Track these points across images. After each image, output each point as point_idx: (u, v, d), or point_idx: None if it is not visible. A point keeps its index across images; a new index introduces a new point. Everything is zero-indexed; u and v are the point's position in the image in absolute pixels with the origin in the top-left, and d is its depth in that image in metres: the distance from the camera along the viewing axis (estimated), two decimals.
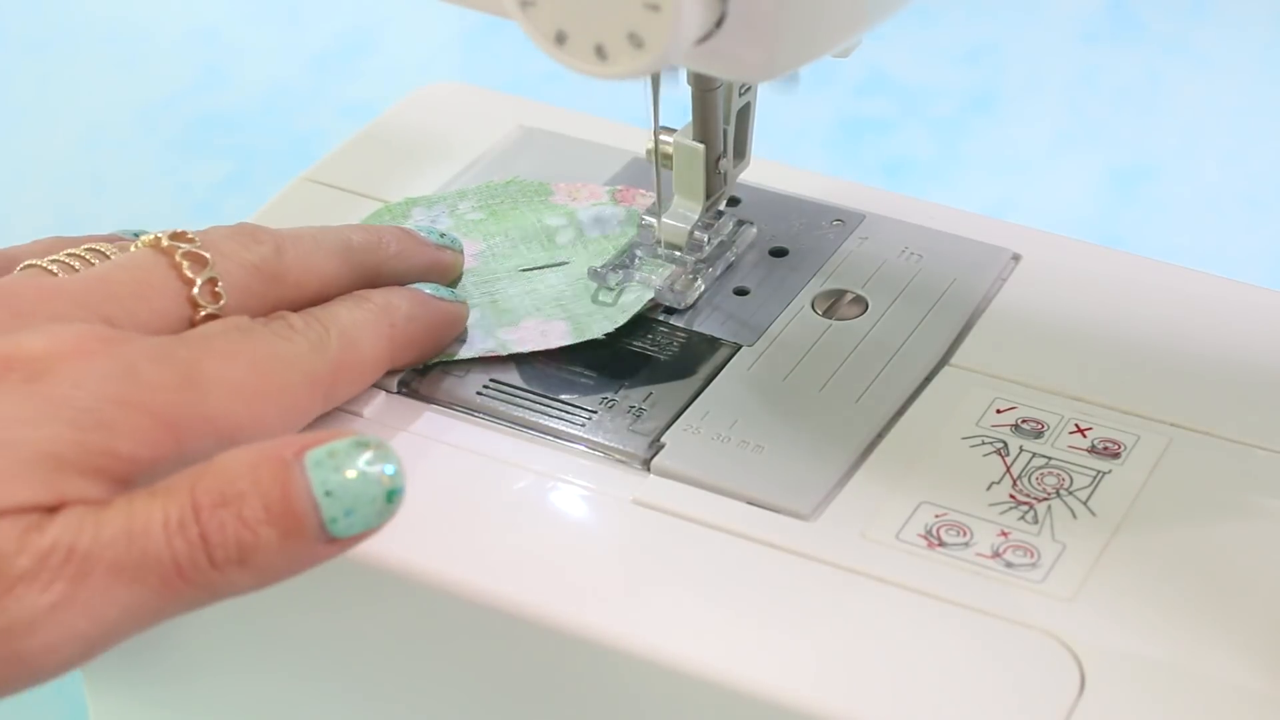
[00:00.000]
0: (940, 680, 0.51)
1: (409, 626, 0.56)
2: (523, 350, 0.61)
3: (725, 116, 0.62)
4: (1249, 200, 0.95)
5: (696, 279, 0.63)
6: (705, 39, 0.50)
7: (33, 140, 1.01)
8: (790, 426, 0.58)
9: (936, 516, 0.55)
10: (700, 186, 0.63)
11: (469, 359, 0.60)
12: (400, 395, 0.60)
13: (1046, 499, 0.55)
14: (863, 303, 0.63)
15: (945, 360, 0.61)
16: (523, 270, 0.64)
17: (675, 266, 0.63)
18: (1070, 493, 0.56)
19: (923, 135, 0.99)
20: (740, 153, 0.63)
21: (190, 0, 1.10)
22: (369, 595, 0.56)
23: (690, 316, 0.63)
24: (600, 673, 0.53)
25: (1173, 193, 0.95)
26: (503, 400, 0.60)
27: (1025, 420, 0.58)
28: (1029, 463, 0.57)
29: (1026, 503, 0.55)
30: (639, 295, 0.62)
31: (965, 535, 0.54)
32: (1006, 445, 0.57)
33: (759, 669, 0.51)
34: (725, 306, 0.63)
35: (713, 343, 0.62)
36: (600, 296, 0.63)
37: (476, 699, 0.57)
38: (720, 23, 0.50)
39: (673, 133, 0.62)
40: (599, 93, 0.68)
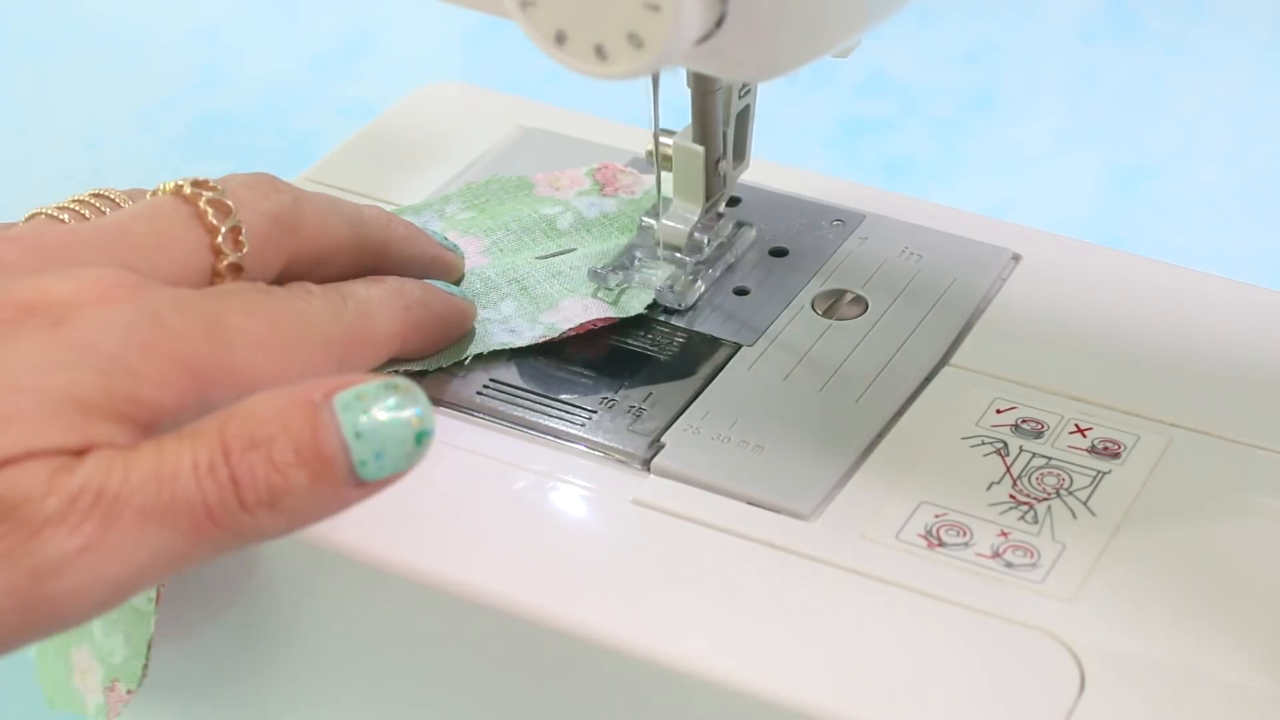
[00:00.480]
0: (940, 680, 0.51)
1: (407, 626, 0.56)
2: (571, 327, 0.61)
3: (725, 118, 0.62)
4: (1249, 200, 0.95)
5: (696, 280, 0.63)
6: (705, 39, 0.50)
7: (33, 140, 1.01)
8: (790, 426, 0.58)
9: (936, 516, 0.55)
10: (700, 188, 0.63)
11: (475, 355, 0.60)
12: None
13: (1046, 499, 0.55)
14: (863, 303, 0.63)
15: (945, 360, 0.61)
16: (540, 258, 0.64)
17: (675, 268, 0.63)
18: (1070, 493, 0.56)
19: (923, 135, 0.99)
20: (740, 155, 0.63)
21: (190, 0, 1.10)
22: (367, 594, 0.56)
23: (690, 316, 0.63)
24: (600, 673, 0.53)
25: (1173, 193, 0.95)
26: (502, 400, 0.60)
27: (1025, 420, 0.58)
28: (1029, 463, 0.57)
29: (1026, 503, 0.55)
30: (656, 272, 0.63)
31: (965, 535, 0.54)
32: (1006, 445, 0.57)
33: (759, 669, 0.51)
34: (725, 306, 0.63)
35: (713, 343, 0.62)
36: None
37: (476, 699, 0.57)
38: (720, 23, 0.50)
39: (673, 135, 0.62)
40: (599, 93, 0.68)
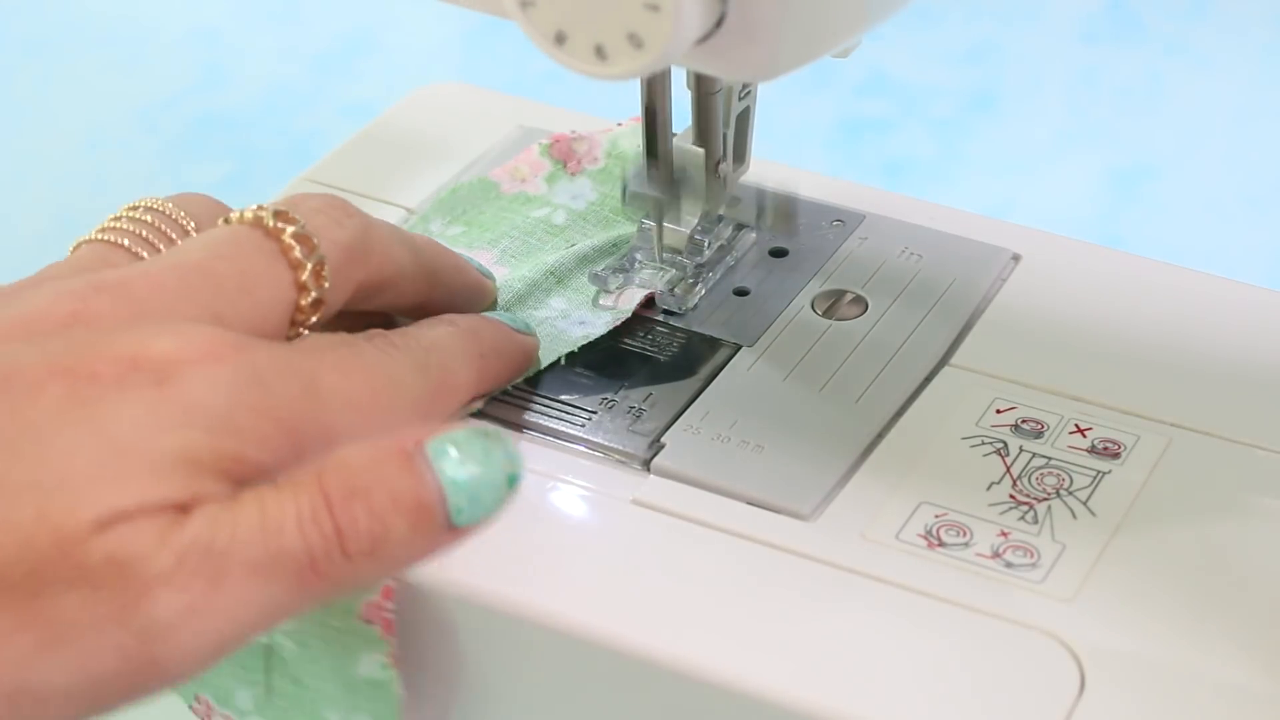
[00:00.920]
0: (940, 680, 0.51)
1: (405, 625, 0.56)
2: (634, 305, 0.62)
3: (725, 120, 0.62)
4: (1249, 200, 0.95)
5: (697, 283, 0.63)
6: (705, 39, 0.50)
7: (33, 140, 1.01)
8: (790, 426, 0.58)
9: (936, 516, 0.55)
10: (700, 191, 0.63)
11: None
12: None
13: (1046, 499, 0.55)
14: (863, 303, 0.63)
15: (945, 360, 0.61)
16: (557, 258, 0.64)
17: (675, 271, 0.63)
18: (1070, 493, 0.56)
19: (923, 135, 0.99)
20: (740, 157, 0.63)
21: (190, 0, 1.10)
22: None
23: (690, 317, 0.63)
24: (599, 673, 0.53)
25: (1173, 193, 0.95)
26: (503, 400, 0.60)
27: (1025, 420, 0.58)
28: (1029, 463, 0.57)
29: (1026, 503, 0.55)
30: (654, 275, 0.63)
31: (965, 535, 0.54)
32: (1006, 445, 0.57)
33: (759, 669, 0.51)
34: (725, 307, 0.63)
35: (713, 343, 0.62)
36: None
37: (475, 699, 0.56)
38: (720, 23, 0.50)
39: (673, 136, 0.62)
40: (599, 93, 0.68)
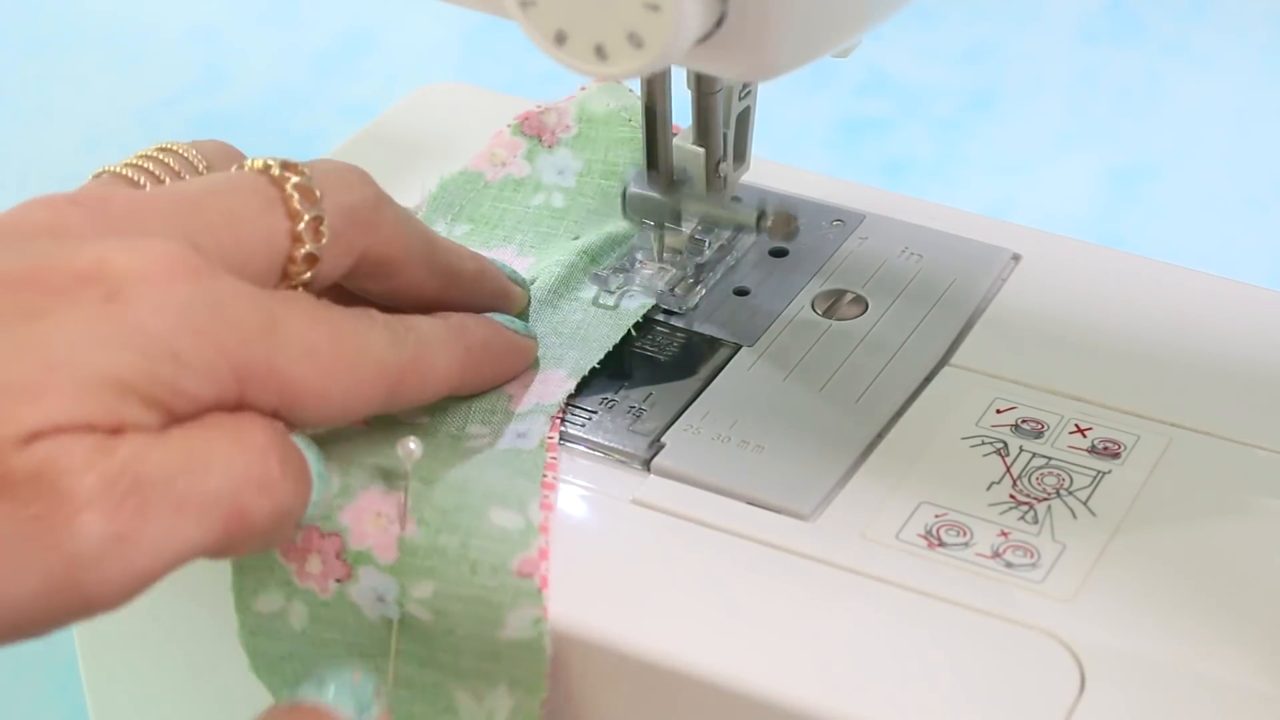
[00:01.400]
0: (940, 680, 0.51)
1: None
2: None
3: (725, 120, 0.62)
4: (1249, 200, 0.95)
5: (697, 283, 0.63)
6: (705, 39, 0.50)
7: (33, 140, 1.01)
8: (790, 426, 0.58)
9: (936, 516, 0.55)
10: (700, 191, 0.63)
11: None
12: None
13: (1046, 499, 0.55)
14: (863, 303, 0.63)
15: (945, 360, 0.61)
16: (585, 241, 0.65)
17: (676, 271, 0.63)
18: (1070, 493, 0.56)
19: (923, 135, 0.99)
20: (740, 156, 0.63)
21: (190, 0, 1.10)
22: None
23: (690, 317, 0.63)
24: (600, 673, 0.53)
25: (1173, 193, 0.95)
26: None
27: (1025, 420, 0.58)
28: (1029, 463, 0.57)
29: (1026, 503, 0.55)
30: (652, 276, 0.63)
31: (965, 535, 0.54)
32: (1006, 445, 0.57)
33: (758, 669, 0.51)
34: (725, 307, 0.63)
35: (713, 343, 0.62)
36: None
37: None
38: (720, 23, 0.50)
39: (673, 137, 0.62)
40: None
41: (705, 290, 0.63)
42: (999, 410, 0.58)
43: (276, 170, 0.52)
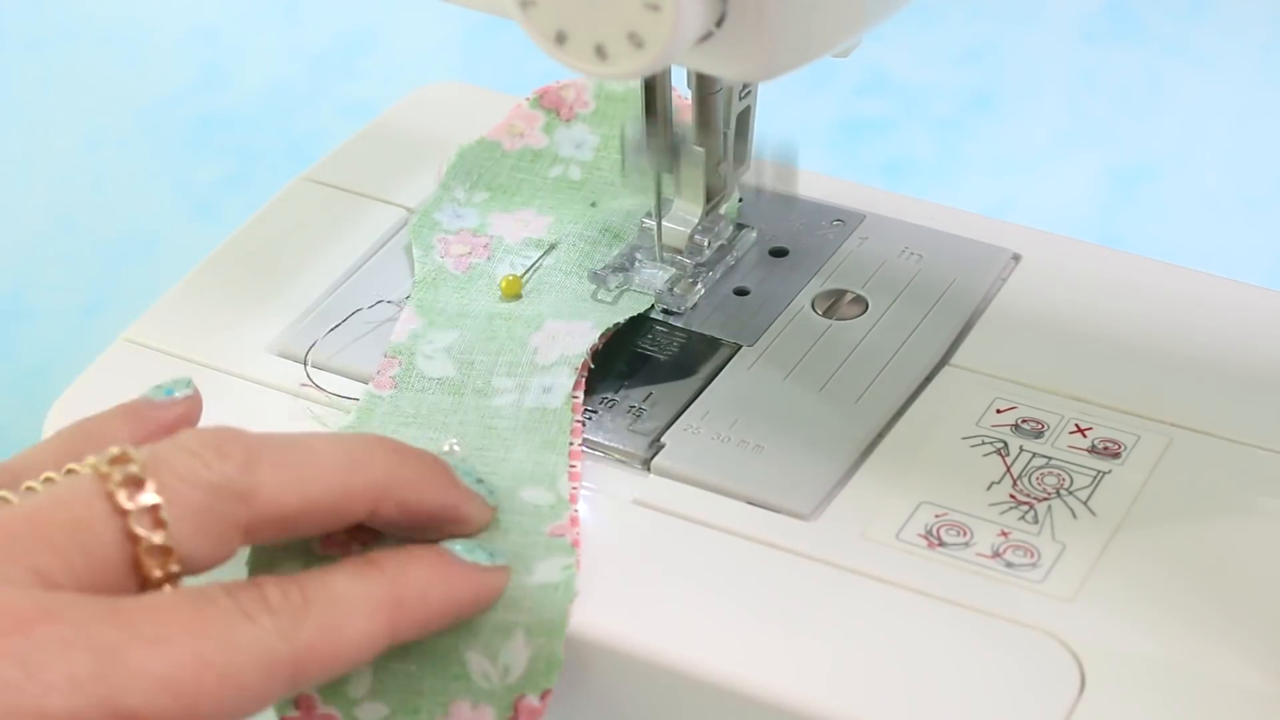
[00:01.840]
0: (940, 680, 0.51)
1: None
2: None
3: (726, 120, 0.62)
4: (1249, 200, 0.95)
5: (696, 283, 0.63)
6: (705, 39, 0.50)
7: (33, 140, 1.01)
8: (790, 426, 0.58)
9: (936, 516, 0.55)
10: (700, 191, 0.63)
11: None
12: None
13: (1046, 499, 0.55)
14: (863, 303, 0.63)
15: (945, 360, 0.61)
16: (595, 210, 0.66)
17: (675, 270, 0.63)
18: (1070, 493, 0.56)
19: (923, 135, 0.99)
20: (740, 157, 0.63)
21: (190, 0, 1.10)
22: None
23: (690, 317, 0.63)
24: (600, 673, 0.53)
25: (1173, 193, 0.95)
26: None
27: (1025, 420, 0.58)
28: (1029, 463, 0.57)
29: (1026, 503, 0.55)
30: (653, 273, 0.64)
31: (965, 535, 0.54)
32: (1006, 445, 0.57)
33: (759, 669, 0.51)
34: (725, 307, 0.63)
35: (713, 343, 0.62)
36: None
37: None
38: (720, 22, 0.50)
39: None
40: None
41: (704, 289, 0.63)
42: (999, 410, 0.58)
43: (104, 466, 0.49)
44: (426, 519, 0.53)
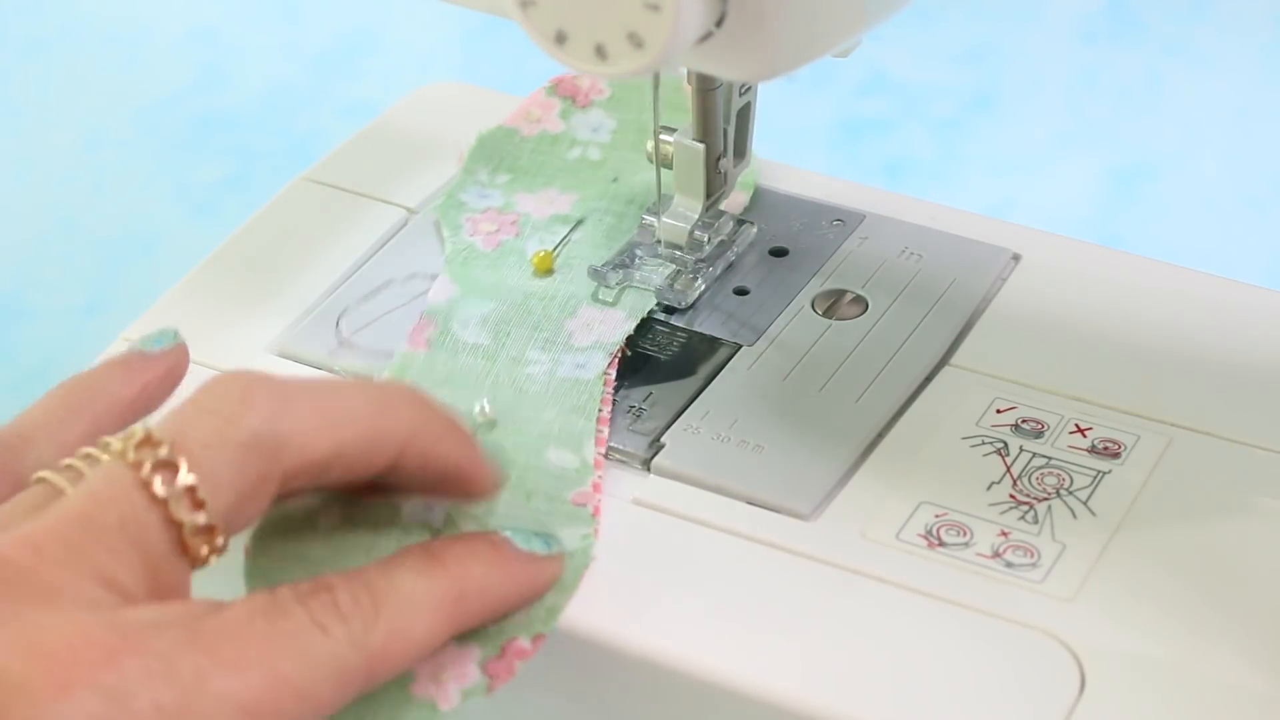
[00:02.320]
0: (940, 680, 0.51)
1: None
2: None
3: (725, 116, 0.62)
4: (1249, 200, 0.95)
5: (697, 278, 0.63)
6: (705, 39, 0.50)
7: (33, 140, 1.01)
8: (790, 426, 0.58)
9: (936, 516, 0.55)
10: (700, 186, 0.63)
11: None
12: None
13: (1046, 499, 0.55)
14: (863, 303, 0.63)
15: (945, 360, 0.61)
16: (617, 185, 0.67)
17: (675, 266, 0.63)
18: (1070, 493, 0.56)
19: (923, 135, 0.99)
20: (740, 152, 0.64)
21: (190, 0, 1.10)
22: None
23: (690, 316, 0.63)
24: (600, 672, 0.53)
25: (1173, 193, 0.95)
26: None
27: (1025, 420, 0.58)
28: (1029, 463, 0.57)
29: (1026, 503, 0.55)
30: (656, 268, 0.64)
31: (965, 535, 0.54)
32: (1006, 445, 0.57)
33: (759, 669, 0.51)
34: (725, 306, 0.63)
35: (713, 343, 0.62)
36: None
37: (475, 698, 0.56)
38: (720, 22, 0.50)
39: (673, 132, 0.62)
40: None
41: (704, 286, 0.63)
42: (999, 410, 0.58)
43: (131, 453, 0.48)
44: (443, 474, 0.53)
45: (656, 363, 0.61)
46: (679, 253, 0.64)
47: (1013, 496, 0.56)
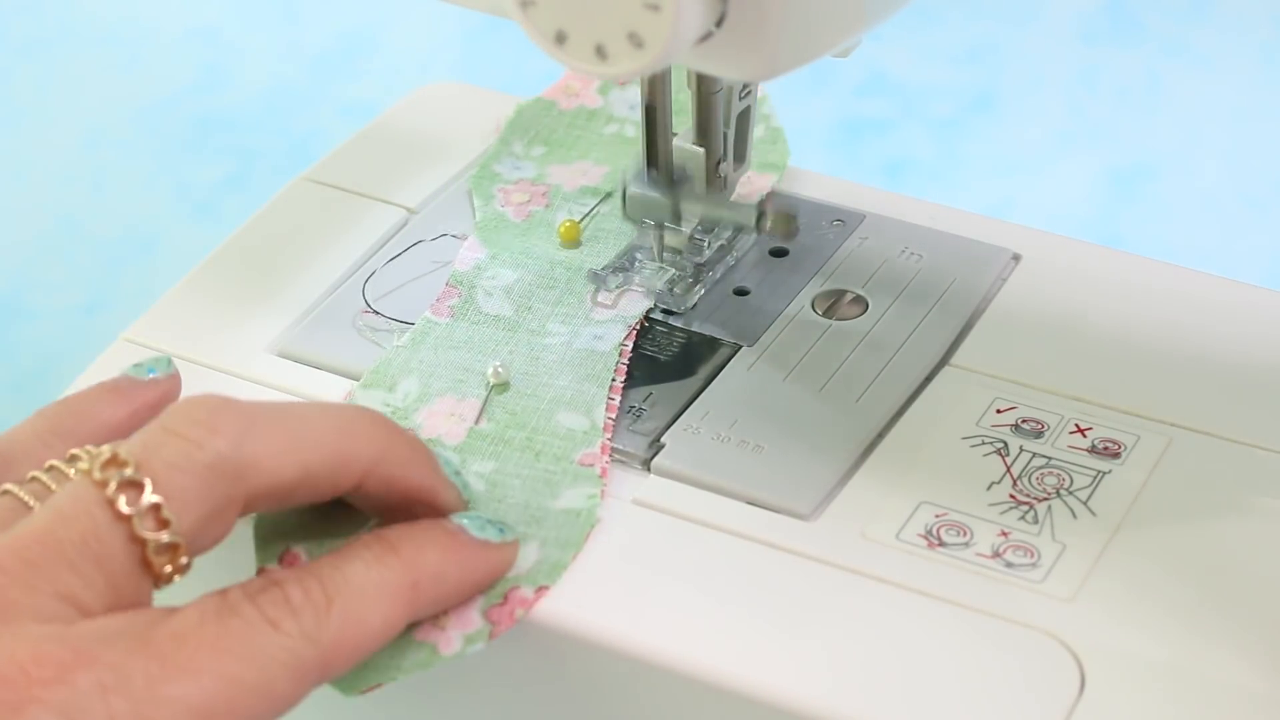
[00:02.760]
0: (940, 680, 0.51)
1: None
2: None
3: (726, 120, 0.62)
4: (1249, 200, 0.95)
5: (697, 282, 0.63)
6: (705, 39, 0.50)
7: (33, 141, 1.01)
8: (790, 426, 0.58)
9: (936, 516, 0.55)
10: (700, 190, 0.63)
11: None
12: None
13: (1046, 499, 0.55)
14: (863, 303, 0.63)
15: (945, 360, 0.61)
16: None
17: (675, 270, 0.63)
18: (1070, 493, 0.56)
19: (923, 135, 0.99)
20: (740, 156, 0.63)
21: (190, 0, 1.10)
22: None
23: (690, 317, 0.63)
24: (600, 673, 0.53)
25: (1173, 193, 0.95)
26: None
27: (1025, 420, 0.58)
28: (1029, 463, 0.57)
29: (1026, 503, 0.55)
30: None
31: (965, 535, 0.54)
32: (1006, 445, 0.57)
33: (758, 669, 0.51)
34: (725, 307, 0.63)
35: (713, 343, 0.62)
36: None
37: (476, 698, 0.56)
38: (720, 22, 0.50)
39: (674, 136, 0.62)
40: None
41: (704, 290, 0.63)
42: (999, 410, 0.58)
43: (97, 473, 0.48)
44: (406, 498, 0.53)
45: (656, 363, 0.61)
46: (679, 257, 0.64)
47: (1013, 496, 0.56)
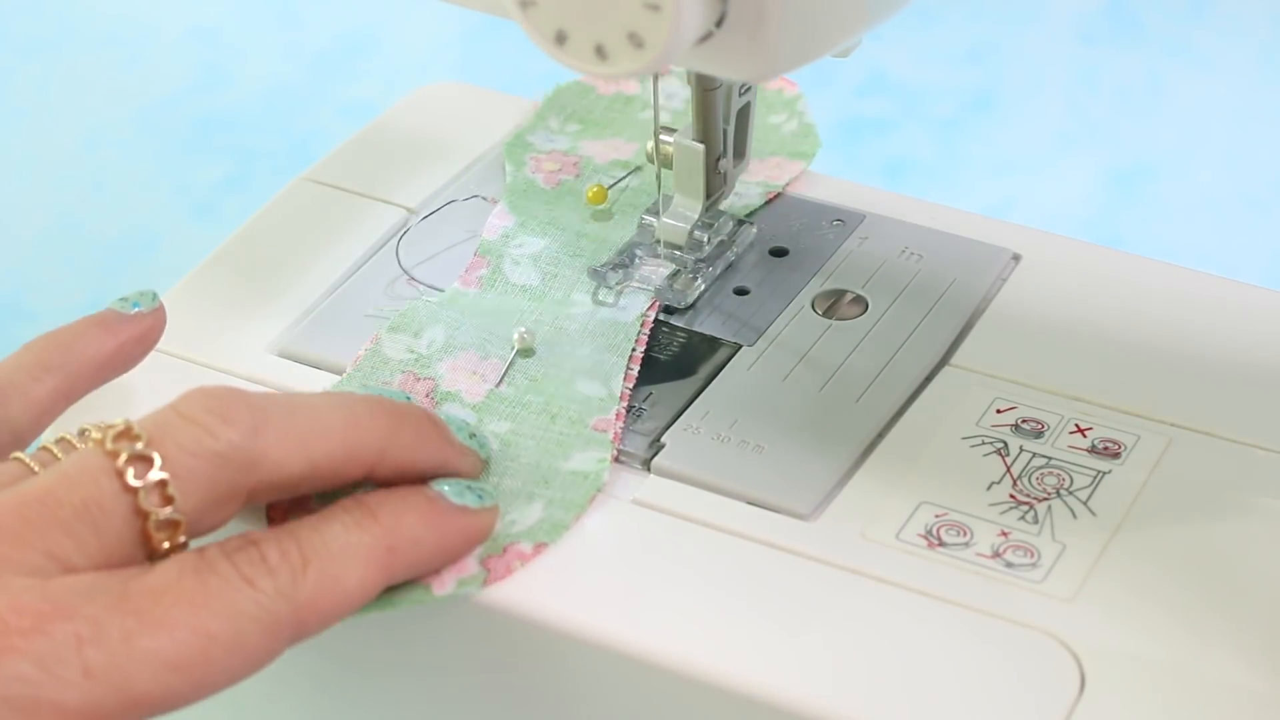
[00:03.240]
0: (940, 680, 0.51)
1: (407, 628, 0.56)
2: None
3: (725, 116, 0.62)
4: (1249, 200, 0.95)
5: (696, 278, 0.63)
6: (705, 39, 0.50)
7: (33, 141, 1.01)
8: (790, 426, 0.58)
9: (936, 516, 0.55)
10: (700, 186, 0.63)
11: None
12: None
13: (1046, 499, 0.55)
14: (863, 303, 0.63)
15: (945, 360, 0.61)
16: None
17: (675, 266, 0.63)
18: (1070, 493, 0.56)
19: (923, 135, 0.99)
20: (740, 153, 0.64)
21: (190, 0, 1.10)
22: None
23: (690, 316, 0.63)
24: (600, 673, 0.53)
25: (1173, 193, 0.95)
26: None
27: (1025, 420, 0.58)
28: (1029, 463, 0.57)
29: (1026, 503, 0.55)
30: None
31: (965, 535, 0.54)
32: (1006, 445, 0.57)
33: (758, 669, 0.51)
34: (725, 306, 0.63)
35: (713, 343, 0.62)
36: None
37: (477, 699, 0.57)
38: (720, 22, 0.50)
39: (673, 133, 0.62)
40: None
41: (704, 285, 0.63)
42: (999, 410, 0.58)
43: (109, 442, 0.49)
44: (421, 478, 0.54)
45: (656, 363, 0.61)
46: (679, 253, 0.64)
47: (1013, 496, 0.56)
